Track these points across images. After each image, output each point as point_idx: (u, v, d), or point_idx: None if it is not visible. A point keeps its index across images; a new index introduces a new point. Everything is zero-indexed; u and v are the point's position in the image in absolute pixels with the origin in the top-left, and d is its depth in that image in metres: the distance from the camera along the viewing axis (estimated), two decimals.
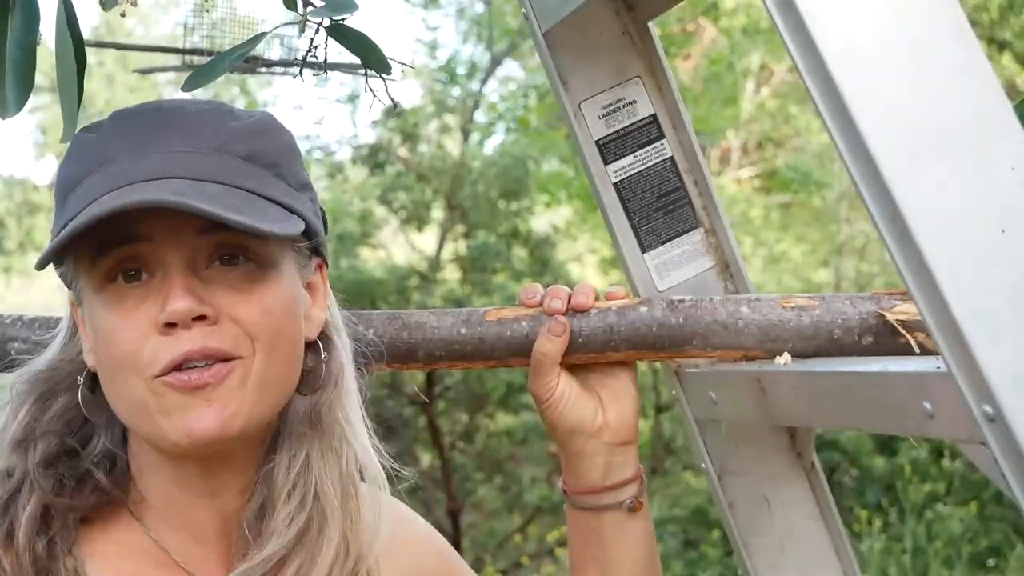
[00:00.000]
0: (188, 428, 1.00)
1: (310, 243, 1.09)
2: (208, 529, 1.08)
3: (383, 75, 1.21)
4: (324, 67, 1.24)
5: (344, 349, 1.14)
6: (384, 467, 1.14)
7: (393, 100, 1.25)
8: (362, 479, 1.12)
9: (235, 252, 1.03)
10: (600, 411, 1.25)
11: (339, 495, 1.09)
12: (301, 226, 1.04)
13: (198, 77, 1.18)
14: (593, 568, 1.28)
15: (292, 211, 1.05)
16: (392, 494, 1.16)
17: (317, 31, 1.19)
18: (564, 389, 1.25)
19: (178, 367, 0.99)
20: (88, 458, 1.07)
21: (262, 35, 1.24)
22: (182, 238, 1.01)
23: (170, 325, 0.99)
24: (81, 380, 1.07)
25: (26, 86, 1.06)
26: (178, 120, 1.04)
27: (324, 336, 1.12)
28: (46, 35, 1.08)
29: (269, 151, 1.07)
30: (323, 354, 1.11)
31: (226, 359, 1.01)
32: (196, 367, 1.00)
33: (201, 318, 1.00)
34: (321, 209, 1.13)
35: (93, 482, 1.06)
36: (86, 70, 1.12)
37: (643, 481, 1.28)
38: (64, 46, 1.05)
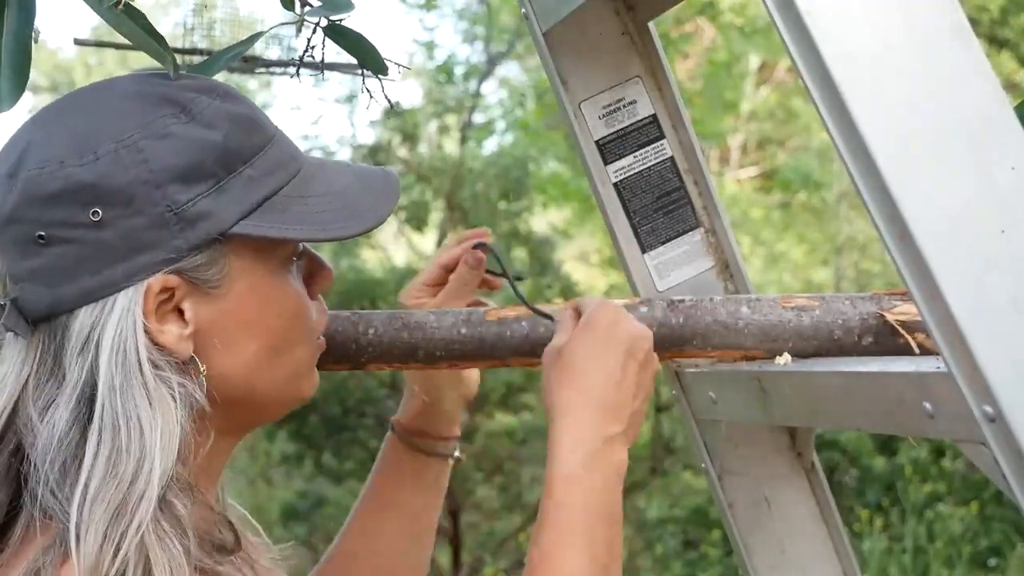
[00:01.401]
0: (316, 382, 1.11)
1: None
2: (213, 484, 1.08)
3: (380, 76, 1.21)
4: (321, 67, 1.24)
5: None
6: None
7: (390, 101, 1.25)
8: None
9: None
10: None
11: None
12: None
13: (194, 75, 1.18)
14: (394, 512, 1.35)
15: None
16: None
17: (314, 31, 1.19)
18: None
19: None
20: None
21: (258, 35, 1.24)
22: None
23: (318, 292, 1.10)
24: (204, 370, 0.99)
25: (21, 79, 1.04)
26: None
27: None
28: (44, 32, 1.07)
29: None
30: None
31: None
32: None
33: None
34: None
35: None
36: (87, 70, 1.12)
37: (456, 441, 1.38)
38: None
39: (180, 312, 0.98)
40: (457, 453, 1.39)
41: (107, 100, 1.00)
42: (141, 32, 1.03)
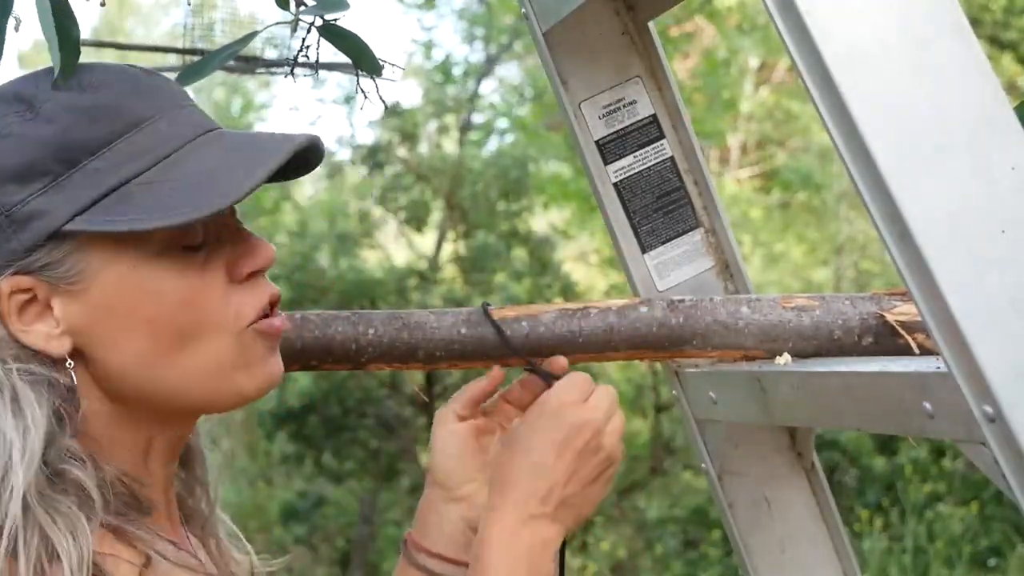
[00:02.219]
0: (271, 374, 1.03)
1: None
2: (163, 505, 1.07)
3: (374, 76, 1.21)
4: (316, 67, 1.24)
5: None
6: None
7: (384, 101, 1.25)
8: None
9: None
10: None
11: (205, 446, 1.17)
12: None
13: (189, 74, 1.17)
14: None
15: None
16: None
17: (309, 31, 1.19)
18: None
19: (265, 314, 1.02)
20: None
21: (254, 34, 1.24)
22: None
23: (252, 274, 1.01)
24: (70, 365, 0.98)
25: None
26: (156, 80, 1.03)
27: None
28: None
29: None
30: None
31: None
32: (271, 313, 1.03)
33: None
34: None
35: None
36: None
37: None
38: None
39: (53, 310, 0.97)
40: None
41: None
42: (51, 25, 1.02)
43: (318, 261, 7.83)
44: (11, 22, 1.07)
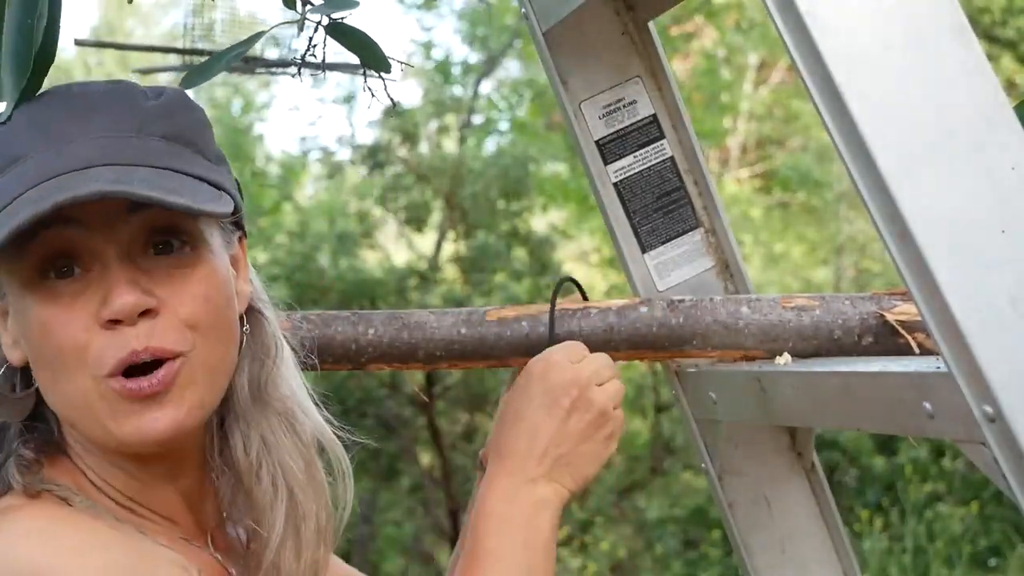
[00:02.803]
0: (142, 431, 0.98)
1: (234, 217, 1.06)
2: (178, 509, 1.08)
3: (382, 74, 1.21)
4: (323, 67, 1.24)
5: (274, 319, 1.13)
6: (340, 437, 1.15)
7: (392, 99, 1.25)
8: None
9: (167, 237, 1.00)
10: None
11: (303, 468, 1.10)
12: (231, 202, 1.02)
13: (194, 76, 1.17)
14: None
15: (218, 187, 1.02)
16: (353, 469, 1.17)
17: (316, 30, 1.19)
18: None
19: (124, 370, 0.97)
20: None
21: (260, 34, 1.24)
22: (116, 226, 0.98)
23: (114, 321, 0.96)
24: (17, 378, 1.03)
25: (23, 71, 1.02)
26: (91, 104, 1.01)
27: (251, 309, 1.11)
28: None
29: (186, 129, 1.05)
30: (246, 327, 1.09)
31: (171, 357, 0.98)
32: (143, 373, 0.97)
33: (145, 312, 0.97)
34: (236, 180, 1.11)
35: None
36: (87, 70, 1.10)
37: None
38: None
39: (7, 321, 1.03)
40: None
41: None
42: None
43: (318, 261, 7.83)
44: None
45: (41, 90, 1.04)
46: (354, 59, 1.20)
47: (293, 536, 1.08)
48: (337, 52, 1.21)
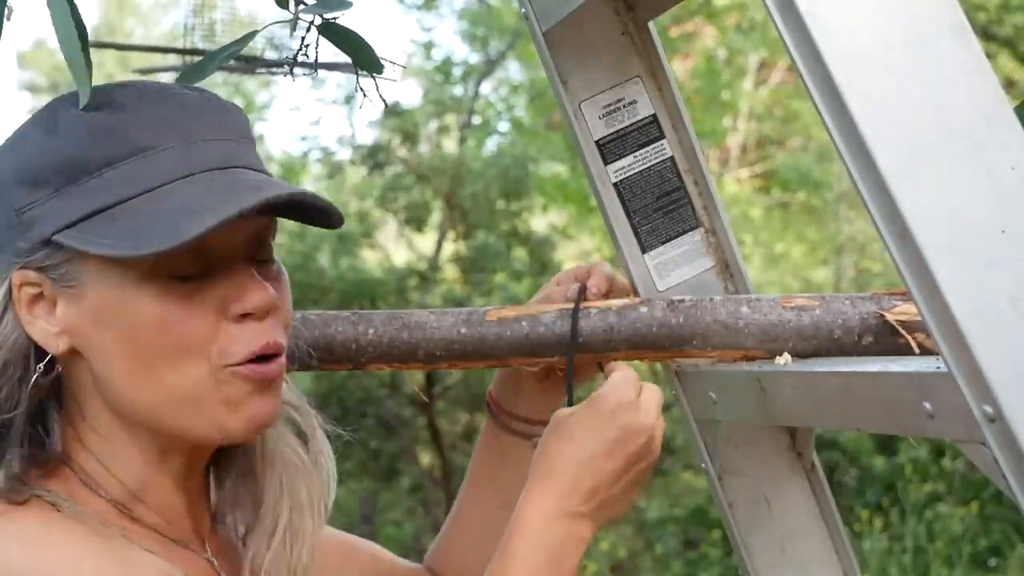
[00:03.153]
0: (253, 417, 1.02)
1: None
2: (181, 511, 1.09)
3: (374, 74, 1.21)
4: (315, 66, 1.24)
5: None
6: (340, 437, 1.19)
7: (384, 100, 1.24)
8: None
9: (266, 243, 1.05)
10: None
11: (301, 458, 1.14)
12: None
13: (190, 75, 1.17)
14: (490, 487, 1.37)
15: None
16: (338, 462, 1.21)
17: (309, 30, 1.19)
18: None
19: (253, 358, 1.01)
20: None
21: (253, 34, 1.24)
22: (239, 229, 1.01)
23: (244, 315, 1.01)
24: (40, 367, 1.02)
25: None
26: (199, 107, 1.04)
27: None
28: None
29: (253, 139, 1.10)
30: None
31: (281, 353, 1.04)
32: (265, 359, 1.02)
33: (270, 310, 1.02)
34: None
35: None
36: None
37: None
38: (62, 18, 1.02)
39: (56, 309, 1.02)
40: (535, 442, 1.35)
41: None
42: (77, 50, 1.02)
43: (318, 261, 7.83)
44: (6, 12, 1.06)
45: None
46: (348, 59, 1.20)
47: (290, 529, 1.11)
48: (335, 52, 1.21)
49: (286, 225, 1.11)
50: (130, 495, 1.05)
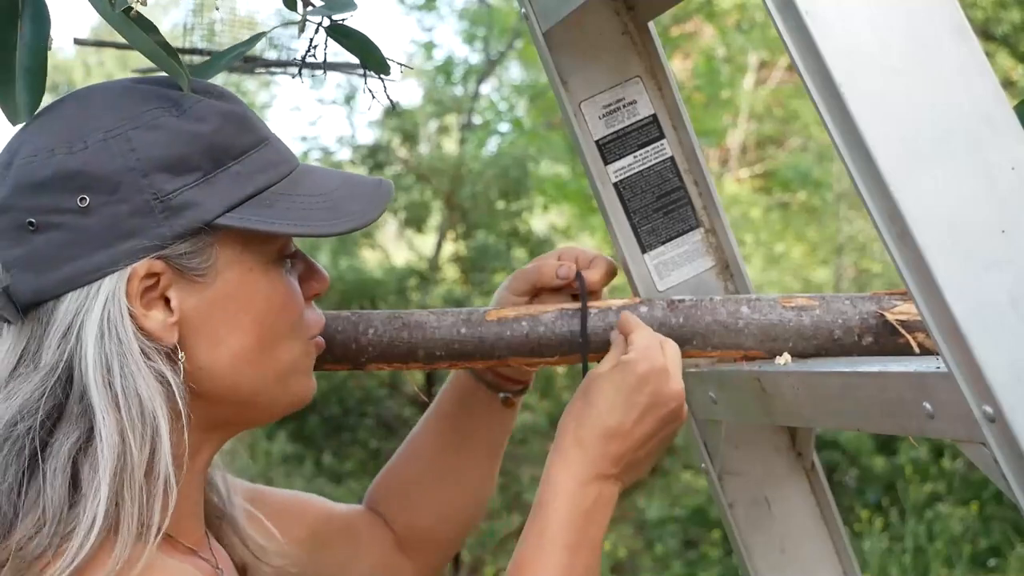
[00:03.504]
0: (314, 385, 1.12)
1: None
2: (193, 516, 1.09)
3: (382, 75, 1.21)
4: (323, 67, 1.24)
5: None
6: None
7: (392, 101, 1.24)
8: None
9: None
10: None
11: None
12: None
13: (196, 76, 1.17)
14: (445, 431, 1.40)
15: None
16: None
17: (316, 31, 1.19)
18: None
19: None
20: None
21: (260, 35, 1.24)
22: None
23: (313, 296, 1.13)
24: (183, 358, 1.01)
25: (37, 91, 1.02)
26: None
27: None
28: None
29: None
30: None
31: None
32: None
33: None
34: None
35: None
36: (87, 70, 1.10)
37: (525, 390, 1.40)
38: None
39: (167, 300, 1.00)
40: (509, 393, 1.40)
41: (101, 96, 1.03)
42: (156, 47, 1.02)
43: (318, 261, 7.83)
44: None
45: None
46: (353, 60, 1.20)
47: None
48: (337, 52, 1.21)
49: None
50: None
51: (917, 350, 1.22)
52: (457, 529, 1.41)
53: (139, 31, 1.01)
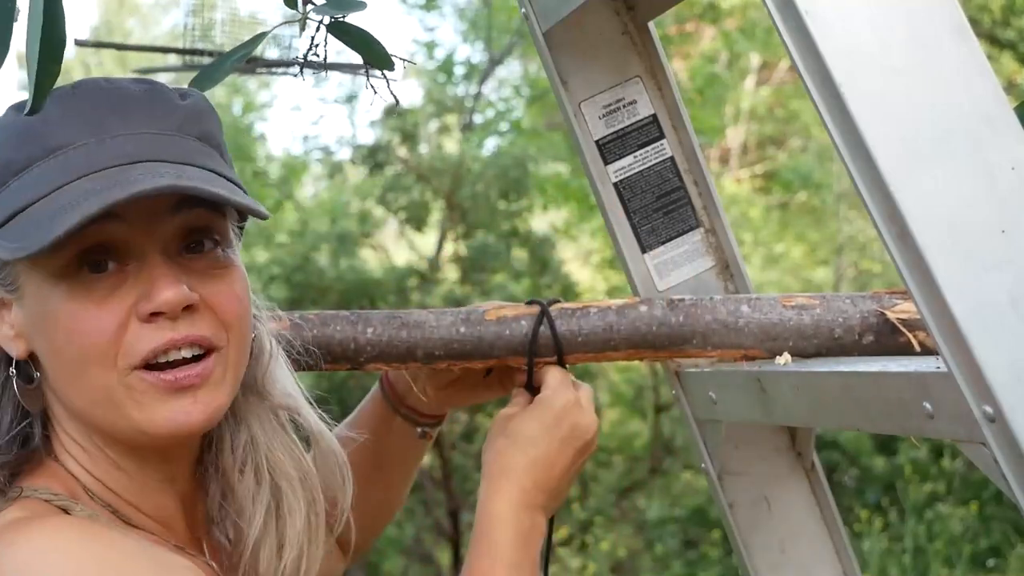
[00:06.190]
0: (171, 421, 0.98)
1: (243, 222, 1.10)
2: (174, 514, 1.08)
3: (385, 72, 1.21)
4: (325, 67, 1.24)
5: (261, 319, 1.14)
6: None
7: (396, 98, 1.24)
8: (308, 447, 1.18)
9: (202, 237, 1.02)
10: None
11: (295, 464, 1.13)
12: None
13: (203, 80, 1.17)
14: (370, 457, 1.38)
15: (243, 189, 1.04)
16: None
17: (318, 29, 1.19)
18: None
19: (154, 363, 0.98)
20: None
21: (263, 35, 1.23)
22: (158, 223, 0.99)
23: (155, 314, 0.97)
24: (13, 371, 1.02)
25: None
26: (129, 99, 1.01)
27: None
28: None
29: (213, 131, 1.07)
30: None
31: (208, 349, 1.00)
32: (179, 362, 0.98)
33: (188, 307, 0.98)
34: None
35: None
36: (87, 70, 1.10)
37: (439, 424, 1.43)
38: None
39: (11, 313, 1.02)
40: (424, 429, 1.42)
41: None
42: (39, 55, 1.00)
43: (318, 261, 7.83)
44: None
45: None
46: (354, 58, 1.20)
47: (276, 532, 1.10)
48: (337, 51, 1.21)
49: (285, 225, 1.11)
50: (122, 501, 1.04)
51: (918, 348, 1.22)
52: (373, 533, 1.45)
53: (38, 33, 0.99)
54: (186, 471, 1.09)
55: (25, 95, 0.96)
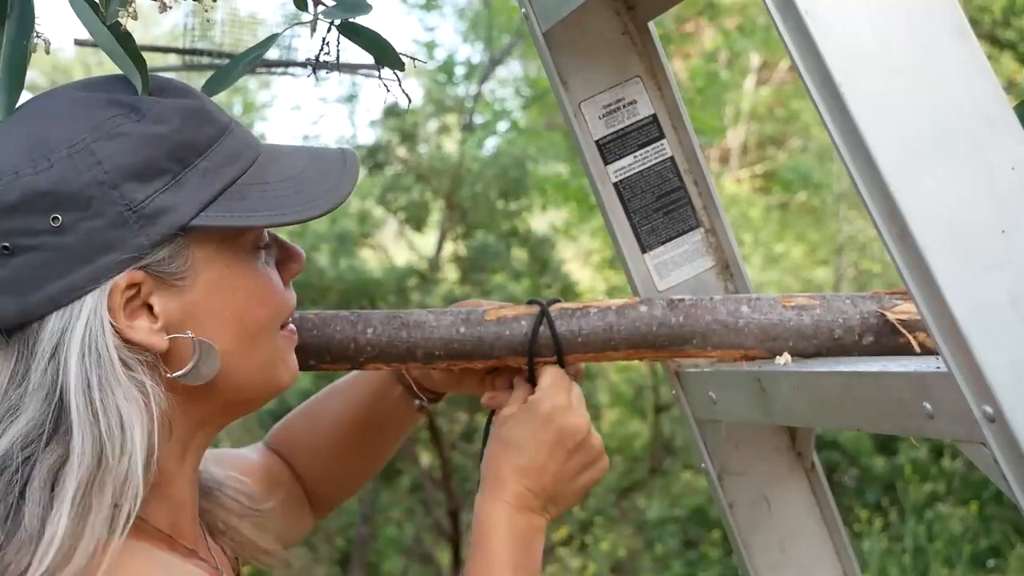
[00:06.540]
0: (295, 372, 1.12)
1: None
2: (187, 516, 1.09)
3: (396, 71, 1.21)
4: (337, 67, 1.24)
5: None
6: None
7: (408, 96, 1.25)
8: None
9: None
10: None
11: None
12: None
13: (215, 83, 1.16)
14: (354, 406, 1.42)
15: None
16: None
17: (329, 30, 1.19)
18: None
19: None
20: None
21: (274, 36, 1.23)
22: None
23: (291, 277, 1.12)
24: (167, 370, 1.01)
25: (17, 88, 1.02)
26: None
27: None
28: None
29: None
30: None
31: None
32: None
33: None
34: None
35: None
36: (87, 70, 1.11)
37: (439, 400, 1.43)
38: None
39: (150, 307, 1.00)
40: (423, 401, 1.43)
41: (56, 107, 1.01)
42: (123, 54, 1.02)
43: (318, 261, 7.83)
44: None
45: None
46: (360, 59, 1.21)
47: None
48: (344, 51, 1.21)
49: None
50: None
51: (918, 349, 1.22)
52: (353, 490, 1.50)
53: (113, 42, 1.01)
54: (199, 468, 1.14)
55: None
